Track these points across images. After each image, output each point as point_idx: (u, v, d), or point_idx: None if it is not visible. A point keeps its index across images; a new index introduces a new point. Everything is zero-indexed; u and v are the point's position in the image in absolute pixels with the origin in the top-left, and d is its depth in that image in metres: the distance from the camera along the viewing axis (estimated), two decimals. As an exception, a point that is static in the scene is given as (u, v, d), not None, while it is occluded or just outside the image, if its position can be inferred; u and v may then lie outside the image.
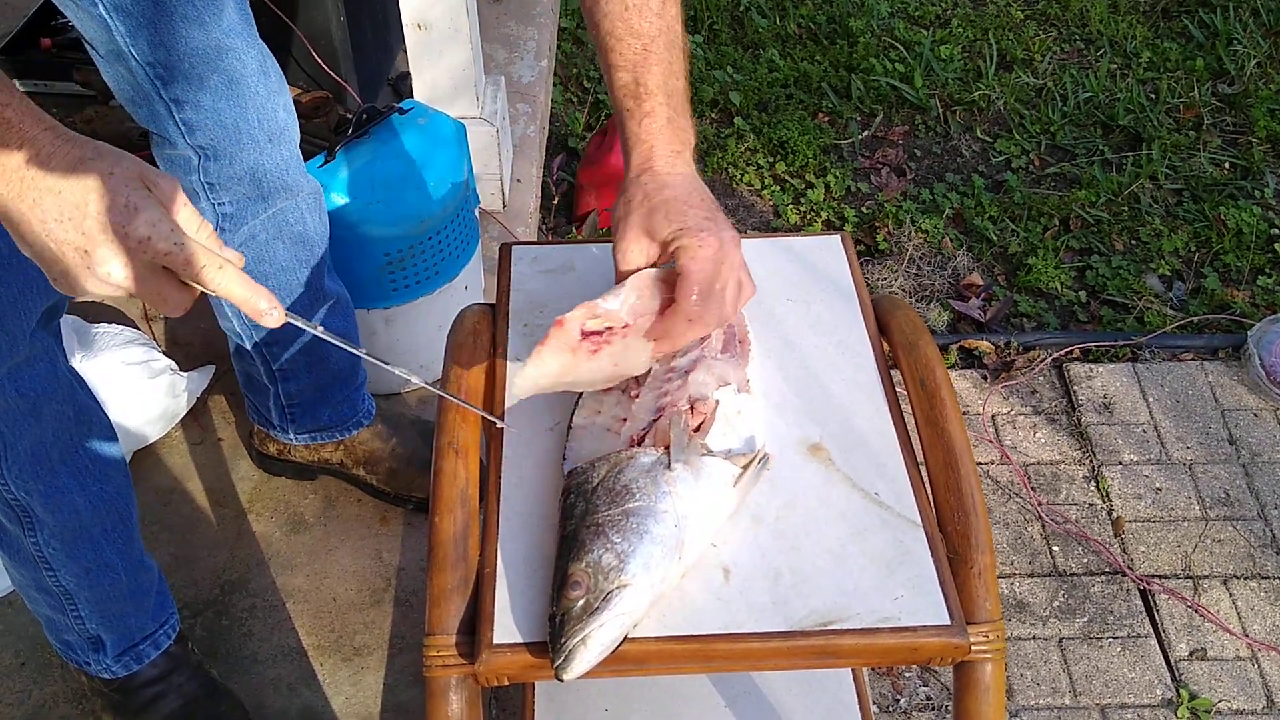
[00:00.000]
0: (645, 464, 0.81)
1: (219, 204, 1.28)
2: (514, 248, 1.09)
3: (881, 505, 0.85)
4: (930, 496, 0.87)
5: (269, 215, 1.30)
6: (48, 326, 1.09)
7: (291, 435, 1.57)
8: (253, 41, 1.21)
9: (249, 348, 1.43)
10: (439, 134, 1.55)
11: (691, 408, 0.87)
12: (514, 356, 0.97)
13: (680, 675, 1.19)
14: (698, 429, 0.86)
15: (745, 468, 0.83)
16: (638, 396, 0.88)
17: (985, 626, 0.79)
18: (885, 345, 0.99)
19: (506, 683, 0.78)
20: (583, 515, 0.78)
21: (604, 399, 0.89)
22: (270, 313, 0.74)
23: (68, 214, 0.69)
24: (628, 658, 0.76)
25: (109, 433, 1.21)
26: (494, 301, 1.04)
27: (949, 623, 0.78)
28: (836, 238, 1.09)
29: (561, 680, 0.73)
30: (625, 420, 0.87)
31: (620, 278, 0.88)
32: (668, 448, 0.82)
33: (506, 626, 0.77)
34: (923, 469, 0.89)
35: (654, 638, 0.77)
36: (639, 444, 0.84)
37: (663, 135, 0.88)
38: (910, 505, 0.85)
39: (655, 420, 0.86)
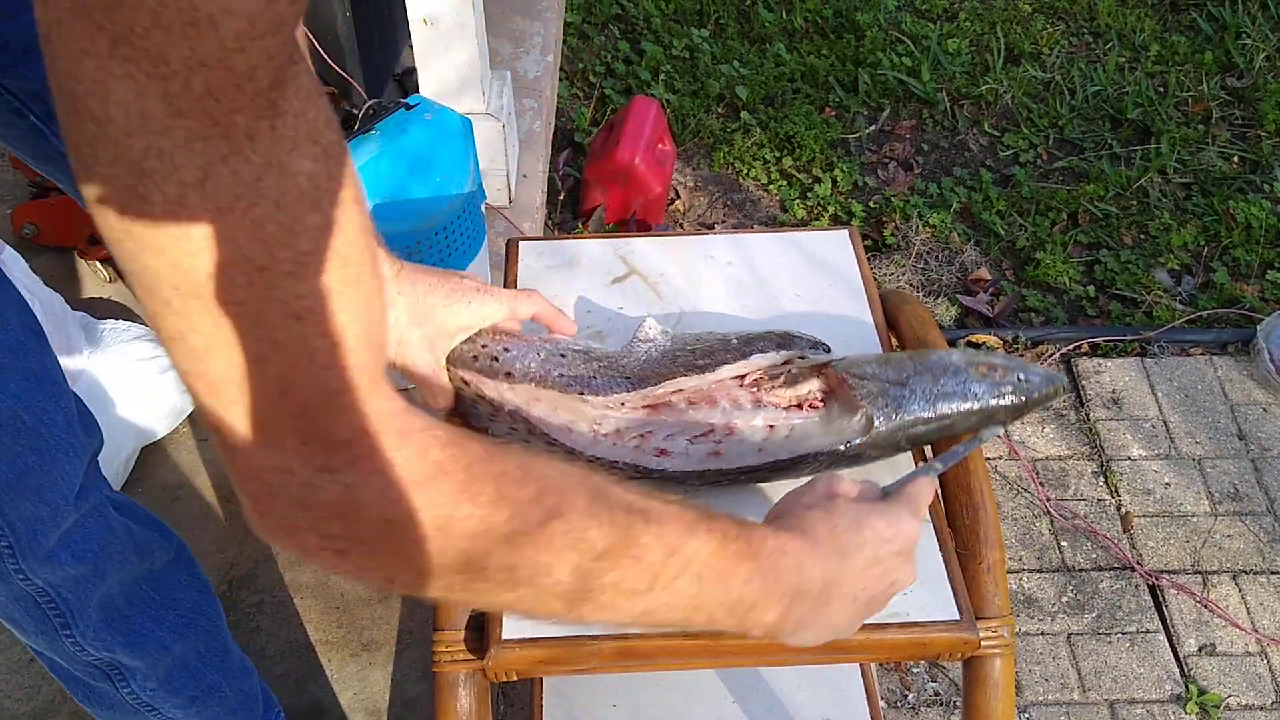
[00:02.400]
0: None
1: None
2: (521, 243, 1.09)
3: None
4: (939, 492, 0.86)
5: None
6: (89, 477, 0.99)
7: None
8: None
9: None
10: (445, 129, 1.54)
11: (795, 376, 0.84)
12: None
13: (688, 670, 1.18)
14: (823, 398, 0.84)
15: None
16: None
17: (995, 622, 0.79)
18: (894, 340, 0.99)
19: (515, 678, 0.78)
20: None
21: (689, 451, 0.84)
22: None
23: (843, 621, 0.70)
24: (637, 653, 0.76)
25: (167, 548, 1.10)
26: (501, 297, 1.03)
27: (958, 618, 0.77)
28: (844, 232, 1.09)
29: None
30: (712, 442, 0.83)
31: None
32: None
33: (515, 622, 0.77)
34: (931, 464, 0.88)
35: (663, 633, 0.77)
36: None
37: None
38: (919, 500, 0.85)
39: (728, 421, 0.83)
